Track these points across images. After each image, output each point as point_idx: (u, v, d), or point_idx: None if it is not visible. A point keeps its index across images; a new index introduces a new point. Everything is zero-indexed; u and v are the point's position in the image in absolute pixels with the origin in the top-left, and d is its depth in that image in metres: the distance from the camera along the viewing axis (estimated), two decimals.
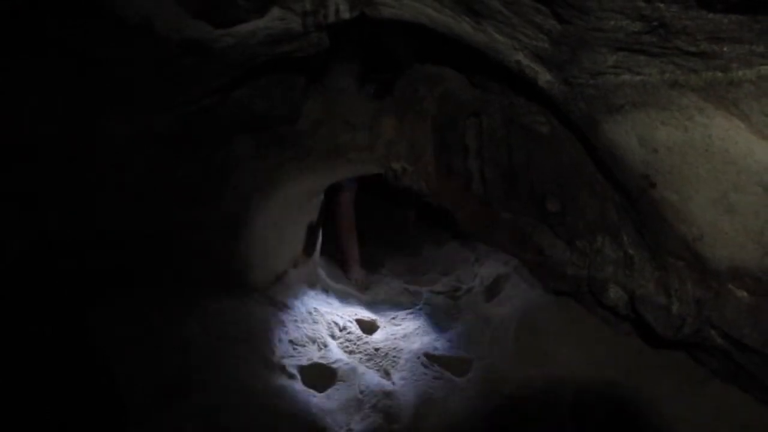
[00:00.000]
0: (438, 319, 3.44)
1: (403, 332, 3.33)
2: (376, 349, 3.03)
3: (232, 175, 2.57)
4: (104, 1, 1.44)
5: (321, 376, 2.63)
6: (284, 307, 3.04)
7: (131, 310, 2.44)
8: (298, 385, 2.52)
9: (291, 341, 2.84)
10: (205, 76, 1.90)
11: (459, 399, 2.46)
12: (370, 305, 3.78)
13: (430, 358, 2.84)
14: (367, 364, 2.83)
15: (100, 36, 1.54)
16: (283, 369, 2.59)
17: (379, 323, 3.50)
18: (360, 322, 3.41)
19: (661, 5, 1.11)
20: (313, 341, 2.94)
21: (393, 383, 2.63)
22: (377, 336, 3.27)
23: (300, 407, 2.28)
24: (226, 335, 2.60)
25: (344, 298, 3.77)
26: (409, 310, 3.67)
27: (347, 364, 2.76)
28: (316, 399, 2.42)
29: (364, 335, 3.24)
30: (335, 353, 2.92)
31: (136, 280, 2.55)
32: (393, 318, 3.63)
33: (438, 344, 3.04)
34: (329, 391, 2.51)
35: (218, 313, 2.69)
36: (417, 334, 3.31)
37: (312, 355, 2.82)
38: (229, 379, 2.33)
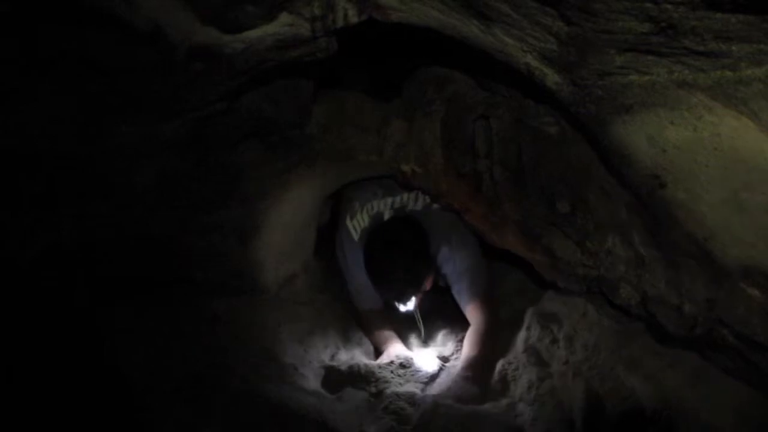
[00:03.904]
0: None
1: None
2: None
3: (241, 180, 2.58)
4: (114, 12, 1.45)
5: (332, 378, 2.63)
6: (295, 309, 3.05)
7: (142, 314, 2.46)
8: (309, 387, 2.53)
9: (302, 343, 2.84)
10: (214, 82, 1.91)
11: (471, 399, 2.46)
12: None
13: (442, 359, 2.84)
14: (380, 366, 2.84)
15: (110, 46, 1.55)
16: (295, 371, 2.60)
17: None
18: None
19: (669, 6, 1.11)
20: (325, 344, 2.95)
21: (405, 384, 2.63)
22: None
23: (311, 409, 2.28)
24: (238, 337, 2.61)
25: None
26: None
27: (359, 366, 2.77)
28: (328, 401, 2.43)
29: None
30: (347, 356, 2.93)
31: (147, 285, 2.57)
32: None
33: (449, 345, 3.04)
34: (341, 393, 2.51)
35: (229, 315, 2.70)
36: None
37: (323, 357, 2.84)
38: (240, 381, 2.34)
